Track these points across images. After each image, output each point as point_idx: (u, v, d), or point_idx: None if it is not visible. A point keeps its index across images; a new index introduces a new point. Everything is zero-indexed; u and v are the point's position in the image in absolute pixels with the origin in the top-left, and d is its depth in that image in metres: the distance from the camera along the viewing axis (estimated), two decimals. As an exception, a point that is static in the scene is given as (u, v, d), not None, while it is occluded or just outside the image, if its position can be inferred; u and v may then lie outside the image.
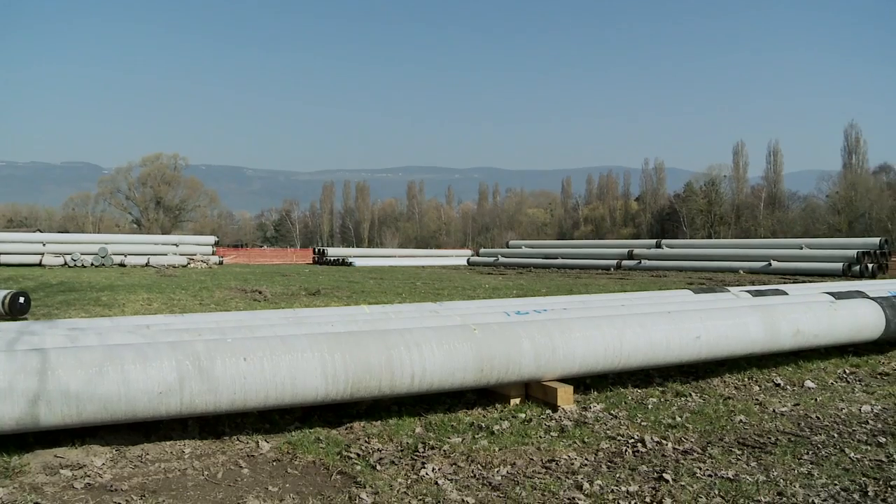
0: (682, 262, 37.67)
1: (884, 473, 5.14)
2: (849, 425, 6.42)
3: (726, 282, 24.58)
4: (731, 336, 7.51)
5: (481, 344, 6.14)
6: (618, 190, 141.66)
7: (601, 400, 6.99)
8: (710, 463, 5.29)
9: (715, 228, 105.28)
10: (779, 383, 7.94)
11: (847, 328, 8.53)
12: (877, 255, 32.20)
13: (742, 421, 6.45)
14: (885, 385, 8.05)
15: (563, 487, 4.73)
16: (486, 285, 24.14)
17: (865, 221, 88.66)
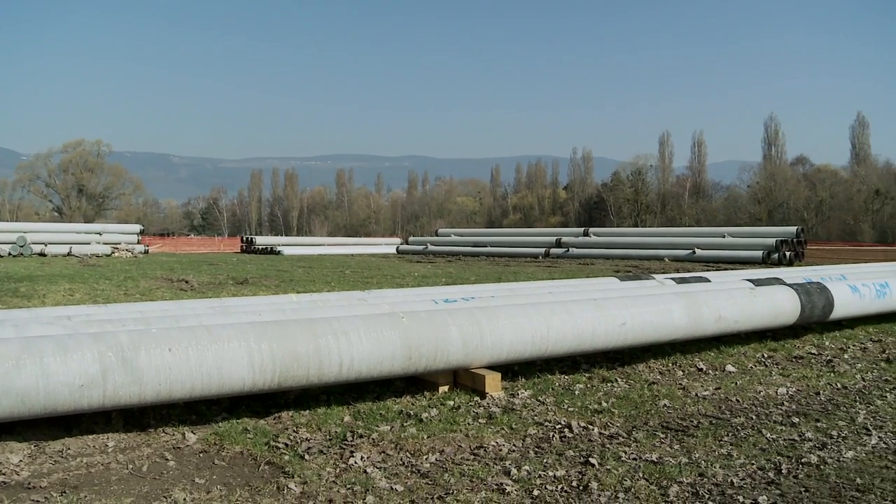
0: (608, 250, 38.21)
1: (796, 452, 5.33)
2: (766, 407, 6.63)
3: (652, 269, 25.04)
4: (655, 322, 7.65)
5: (409, 332, 6.14)
6: (546, 179, 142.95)
7: (529, 386, 7.06)
8: (635, 446, 5.40)
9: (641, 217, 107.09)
10: (701, 368, 8.13)
11: (766, 314, 8.78)
12: (794, 244, 33.18)
13: (666, 405, 6.59)
14: (800, 368, 8.32)
15: (492, 473, 4.77)
16: (416, 273, 24.15)
17: (784, 211, 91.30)
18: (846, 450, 5.40)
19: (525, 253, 40.95)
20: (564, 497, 4.42)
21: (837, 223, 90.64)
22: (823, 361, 8.69)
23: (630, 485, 4.60)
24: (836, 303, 9.63)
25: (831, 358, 8.85)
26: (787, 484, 4.69)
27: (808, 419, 6.25)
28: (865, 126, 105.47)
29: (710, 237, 37.30)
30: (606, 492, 4.48)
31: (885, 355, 9.16)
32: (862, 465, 5.07)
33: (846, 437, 5.73)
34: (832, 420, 6.24)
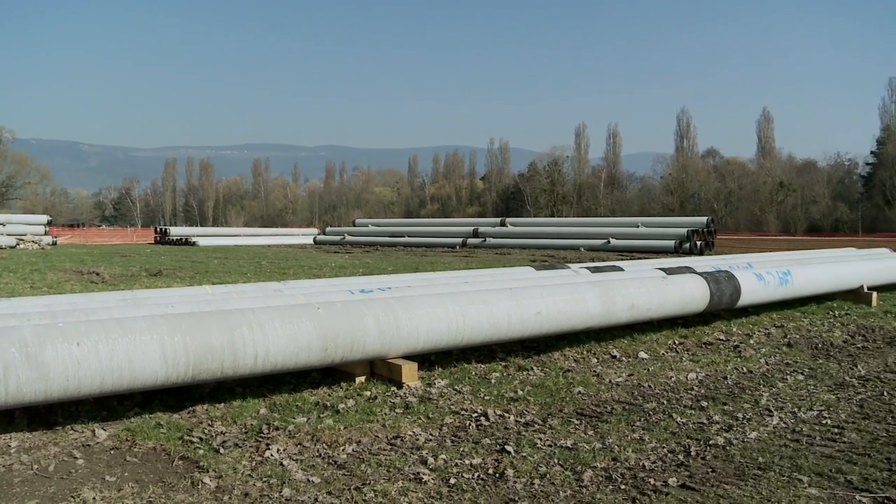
0: (525, 239, 38.60)
1: (704, 434, 5.51)
2: (676, 392, 6.82)
3: (568, 259, 25.40)
4: (570, 311, 7.78)
5: (325, 323, 6.11)
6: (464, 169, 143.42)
7: (445, 376, 7.11)
8: (551, 433, 5.49)
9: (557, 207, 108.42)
10: (615, 355, 8.30)
11: (677, 301, 9.01)
12: (704, 234, 34.11)
13: (581, 392, 6.71)
14: (709, 354, 8.58)
15: (409, 463, 4.79)
16: (333, 264, 24.01)
17: (695, 202, 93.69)
18: (750, 431, 5.61)
19: (443, 243, 41.06)
20: (481, 485, 4.47)
21: (745, 214, 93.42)
22: (731, 347, 8.98)
23: (545, 471, 4.68)
24: (743, 290, 9.95)
25: (738, 343, 9.15)
26: (696, 465, 4.85)
27: (716, 403, 6.46)
28: (770, 121, 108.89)
29: (624, 227, 38.04)
30: (522, 478, 4.55)
31: (786, 340, 9.51)
32: (764, 445, 5.28)
33: (750, 419, 5.95)
34: (738, 403, 6.46)
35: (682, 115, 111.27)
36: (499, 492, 4.37)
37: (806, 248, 25.83)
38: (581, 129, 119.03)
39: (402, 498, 4.24)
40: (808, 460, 4.94)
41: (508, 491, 4.37)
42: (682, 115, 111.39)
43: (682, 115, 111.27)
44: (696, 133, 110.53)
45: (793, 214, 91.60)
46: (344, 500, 4.21)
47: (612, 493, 4.34)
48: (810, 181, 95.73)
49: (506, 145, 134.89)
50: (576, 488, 4.42)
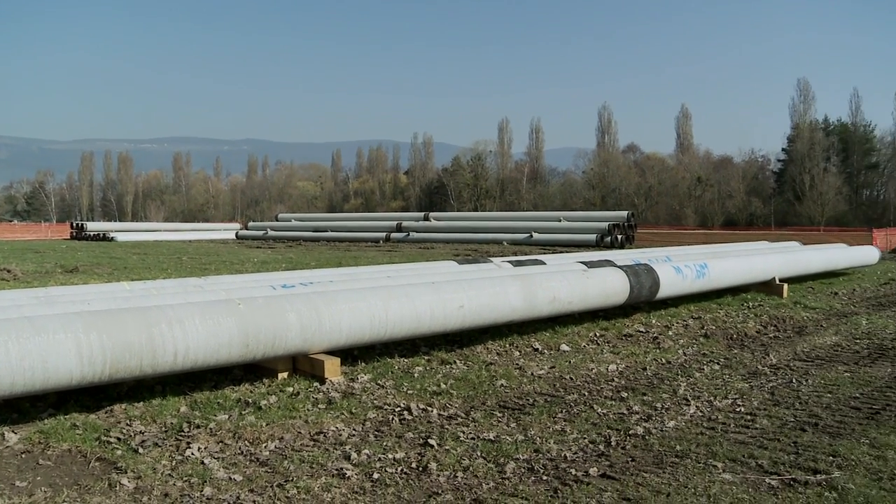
0: (449, 234, 38.67)
1: (624, 424, 5.63)
2: (597, 384, 6.94)
3: (491, 253, 25.56)
4: (493, 305, 7.84)
5: (247, 318, 6.03)
6: (387, 163, 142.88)
7: (369, 370, 7.09)
8: (473, 426, 5.53)
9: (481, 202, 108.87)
10: (537, 348, 8.40)
11: (597, 294, 9.16)
12: (625, 227, 34.69)
13: (503, 385, 6.78)
14: (629, 345, 8.75)
15: (332, 459, 4.77)
16: (255, 259, 23.71)
17: (616, 196, 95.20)
18: (668, 420, 5.75)
19: (366, 237, 40.89)
20: (404, 479, 4.48)
21: (664, 208, 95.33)
22: (650, 338, 9.17)
23: (468, 464, 4.72)
24: (662, 283, 10.17)
25: (657, 335, 9.35)
26: (616, 455, 4.94)
27: (636, 393, 6.60)
28: (689, 117, 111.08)
29: (546, 221, 38.42)
30: (445, 472, 4.57)
31: (703, 331, 9.77)
32: (681, 433, 5.42)
33: (669, 409, 6.10)
34: (657, 393, 6.61)
35: (603, 111, 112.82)
36: (422, 485, 4.38)
37: (722, 241, 26.45)
38: (504, 123, 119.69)
39: (326, 494, 4.22)
40: (722, 447, 5.09)
41: (432, 484, 4.39)
42: (603, 110, 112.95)
43: (603, 111, 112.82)
44: (617, 129, 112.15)
45: (710, 209, 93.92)
46: (266, 498, 4.17)
47: (535, 485, 4.40)
48: (726, 176, 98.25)
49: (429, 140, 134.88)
50: (498, 480, 4.46)
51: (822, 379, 7.28)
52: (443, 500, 4.18)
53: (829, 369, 7.75)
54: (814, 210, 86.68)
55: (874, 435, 5.42)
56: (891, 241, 36.13)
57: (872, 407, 6.22)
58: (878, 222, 71.55)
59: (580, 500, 4.17)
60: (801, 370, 7.69)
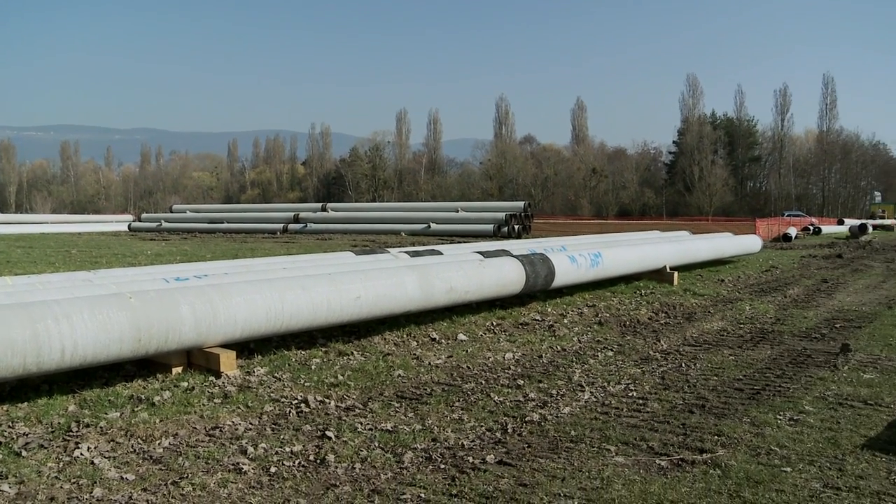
0: (347, 224, 38.43)
1: (521, 412, 5.72)
2: (494, 372, 7.04)
3: (389, 244, 25.52)
4: (389, 295, 7.84)
5: (138, 313, 5.86)
6: (285, 154, 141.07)
7: (265, 363, 7.00)
8: (371, 417, 5.53)
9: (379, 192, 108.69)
10: (434, 338, 8.44)
11: (494, 284, 9.26)
12: (522, 218, 35.12)
13: (401, 375, 6.80)
14: (525, 333, 8.90)
15: (228, 454, 4.70)
16: (149, 252, 23.06)
17: (513, 186, 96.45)
18: (563, 406, 5.88)
19: (263, 229, 40.23)
20: (302, 472, 4.45)
21: (561, 198, 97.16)
22: (546, 327, 9.34)
23: (366, 455, 4.72)
24: (557, 272, 10.35)
25: (553, 323, 9.52)
26: (513, 442, 5.03)
27: (532, 381, 6.71)
28: (584, 110, 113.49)
29: (444, 212, 38.55)
30: (343, 463, 4.57)
31: (598, 318, 10.00)
32: (576, 419, 5.55)
33: (564, 395, 6.23)
34: (552, 380, 6.74)
35: (500, 103, 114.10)
36: (320, 478, 4.36)
37: (616, 231, 27.09)
38: (402, 114, 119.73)
39: (222, 490, 4.16)
40: (615, 431, 5.24)
41: (330, 476, 4.38)
42: (500, 102, 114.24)
43: (500, 103, 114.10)
44: (514, 120, 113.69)
45: (605, 199, 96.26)
46: (160, 496, 4.07)
47: (432, 473, 4.44)
48: (620, 168, 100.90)
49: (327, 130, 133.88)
50: (396, 470, 4.48)
51: (709, 363, 7.57)
52: (341, 492, 4.17)
53: (716, 353, 8.06)
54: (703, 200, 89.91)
55: (755, 414, 5.69)
56: (772, 230, 37.71)
57: (754, 388, 6.51)
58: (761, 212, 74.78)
59: (477, 487, 4.22)
60: (689, 355, 7.97)
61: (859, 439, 5.13)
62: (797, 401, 6.09)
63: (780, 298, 12.69)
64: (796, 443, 5.03)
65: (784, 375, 7.02)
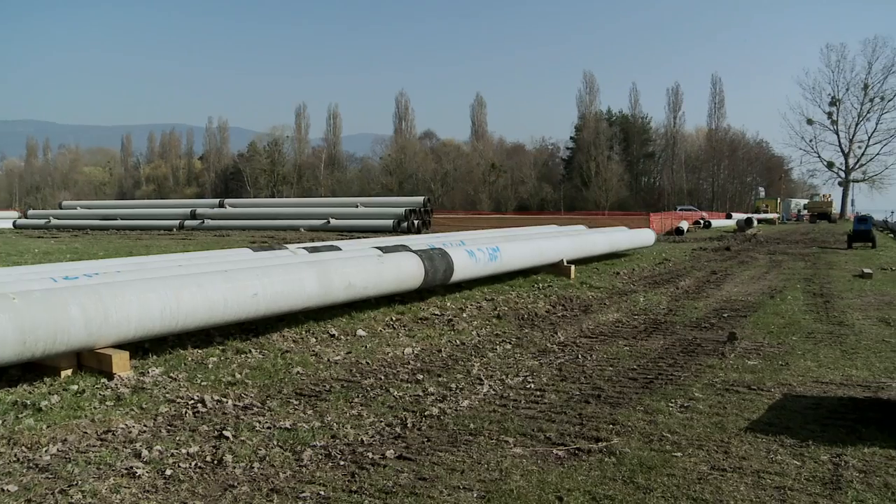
0: (245, 220, 37.82)
1: (420, 406, 5.75)
2: (394, 367, 7.05)
3: (287, 240, 25.22)
4: (288, 292, 7.75)
5: (23, 314, 5.63)
6: (181, 148, 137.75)
7: (160, 363, 6.82)
8: (270, 415, 5.47)
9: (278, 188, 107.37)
10: (334, 334, 8.39)
11: (393, 279, 9.27)
12: (421, 213, 35.22)
13: (300, 372, 6.74)
14: (425, 328, 8.94)
15: (121, 458, 4.56)
16: (36, 250, 22.18)
17: (413, 182, 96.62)
18: (463, 399, 5.93)
19: (159, 225, 39.23)
20: (199, 473, 4.36)
21: (460, 193, 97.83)
22: (445, 321, 9.40)
23: (265, 453, 4.66)
24: (456, 266, 10.43)
25: (452, 317, 9.59)
26: (412, 436, 5.05)
27: (431, 375, 6.75)
28: (483, 105, 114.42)
29: (344, 207, 38.36)
30: (241, 463, 4.50)
31: (496, 312, 10.12)
32: (475, 412, 5.61)
33: (463, 389, 6.29)
34: (451, 374, 6.80)
35: (400, 98, 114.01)
36: (217, 479, 4.29)
37: (515, 225, 27.42)
38: (301, 109, 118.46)
39: (114, 496, 4.04)
40: (513, 423, 5.32)
41: (227, 477, 4.31)
42: (400, 97, 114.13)
43: (400, 98, 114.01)
44: (414, 116, 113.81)
45: (504, 194, 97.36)
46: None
47: (332, 470, 4.42)
48: (519, 163, 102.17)
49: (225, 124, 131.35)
50: (296, 468, 4.44)
51: (604, 353, 7.76)
52: (239, 492, 4.11)
53: (611, 344, 8.27)
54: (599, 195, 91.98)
55: (648, 402, 5.86)
56: (665, 224, 38.84)
57: (647, 377, 6.71)
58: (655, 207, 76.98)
59: (377, 482, 4.23)
60: (586, 346, 8.15)
61: (744, 423, 5.35)
62: (687, 388, 6.31)
63: (672, 290, 13.10)
64: (686, 428, 5.21)
65: (676, 364, 7.26)
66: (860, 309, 10.96)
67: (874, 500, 4.02)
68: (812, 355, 7.71)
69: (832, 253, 23.55)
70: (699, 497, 4.03)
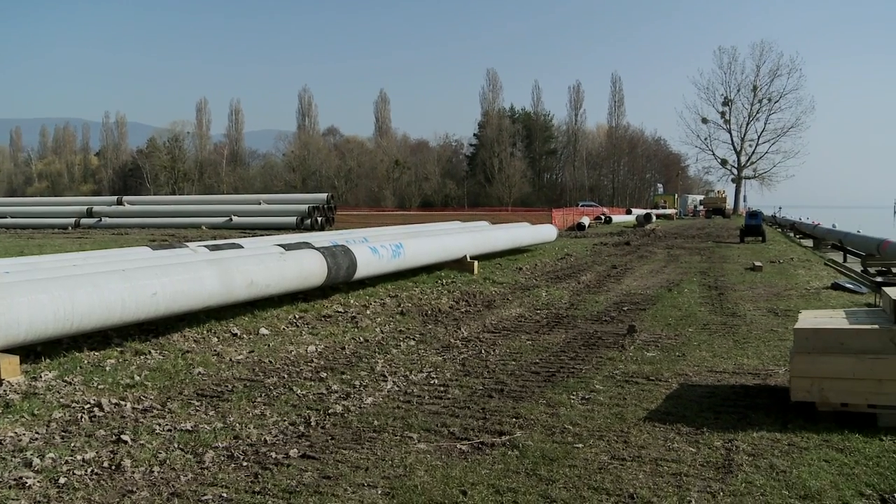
0: (145, 218, 36.91)
1: (324, 404, 5.74)
2: (297, 365, 7.00)
3: (189, 238, 24.71)
4: (188, 291, 7.60)
5: None
6: (76, 144, 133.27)
7: (54, 367, 6.59)
8: (170, 417, 5.36)
9: (179, 185, 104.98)
10: (236, 333, 8.27)
11: (295, 277, 9.18)
12: (325, 210, 35.02)
13: (201, 373, 6.62)
14: (328, 326, 8.90)
15: (9, 468, 4.38)
16: (-82, 251, 21.18)
17: (317, 178, 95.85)
18: (367, 397, 5.93)
19: (53, 224, 37.88)
20: (95, 480, 4.23)
21: (364, 190, 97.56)
22: (349, 318, 9.37)
23: (165, 457, 4.56)
24: (359, 263, 10.40)
25: (355, 315, 9.57)
26: (316, 435, 5.02)
27: (335, 373, 6.73)
28: (387, 102, 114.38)
29: (247, 205, 37.82)
30: (140, 468, 4.39)
31: (400, 309, 10.15)
32: (379, 409, 5.62)
33: (367, 386, 6.29)
34: (355, 371, 6.79)
35: (304, 94, 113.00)
36: (115, 485, 4.17)
37: (419, 222, 27.48)
38: (202, 104, 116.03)
39: (2, 507, 3.89)
40: (417, 419, 5.35)
41: (126, 482, 4.20)
42: (304, 93, 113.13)
43: (304, 94, 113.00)
44: (317, 112, 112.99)
45: (408, 191, 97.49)
46: (-76, 525, 3.75)
47: (235, 472, 4.36)
48: (423, 160, 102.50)
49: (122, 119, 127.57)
50: (197, 471, 4.37)
51: (507, 348, 7.87)
52: (138, 497, 4.01)
53: (514, 339, 8.39)
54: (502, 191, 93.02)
55: (550, 395, 5.98)
56: (567, 220, 39.56)
57: (549, 370, 6.84)
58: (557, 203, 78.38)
59: (281, 482, 4.19)
60: (489, 341, 8.25)
61: (642, 413, 5.51)
62: (588, 380, 6.45)
63: (574, 284, 13.36)
64: (587, 420, 5.34)
65: (577, 357, 7.41)
66: (751, 300, 11.40)
67: (761, 480, 4.20)
68: (707, 346, 7.98)
69: (726, 247, 24.43)
70: (600, 486, 4.14)
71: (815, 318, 5.95)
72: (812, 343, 5.31)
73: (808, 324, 5.58)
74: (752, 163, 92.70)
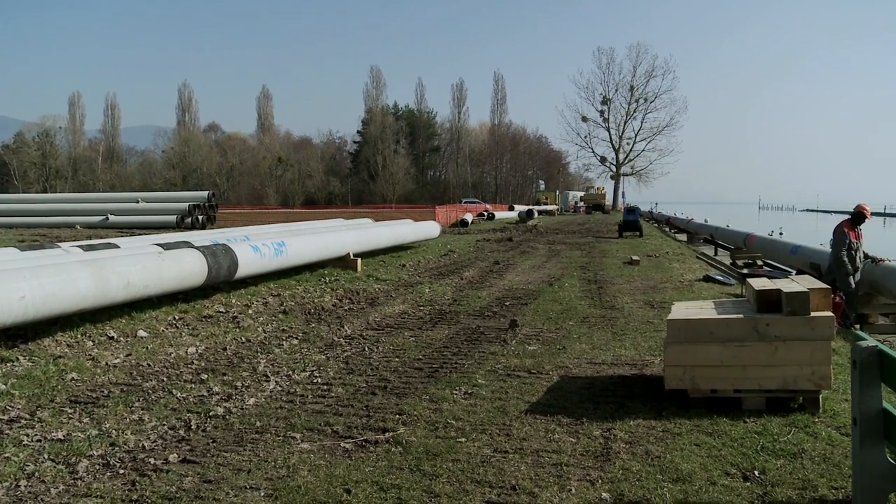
0: (13, 218, 35.28)
1: (205, 407, 5.63)
2: (177, 368, 6.84)
3: (61, 238, 23.76)
4: (60, 293, 7.30)
5: None
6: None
7: None
8: (40, 427, 5.14)
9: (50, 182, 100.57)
10: (112, 336, 8.01)
11: (174, 277, 8.95)
12: (206, 208, 34.28)
13: (74, 379, 6.39)
14: (209, 326, 8.72)
15: None
16: None
17: (198, 176, 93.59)
18: (249, 398, 5.86)
19: None
20: (-47, 499, 4.03)
21: (246, 188, 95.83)
22: (230, 318, 9.21)
23: (34, 469, 4.37)
24: (241, 262, 10.23)
25: (237, 314, 9.41)
26: (197, 438, 4.92)
27: (216, 374, 6.61)
28: (270, 98, 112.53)
29: (124, 203, 36.67)
30: (6, 482, 4.18)
31: (283, 308, 10.04)
32: (262, 410, 5.55)
33: (249, 386, 6.20)
34: (237, 372, 6.68)
35: (183, 89, 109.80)
36: (-27, 503, 3.98)
37: (302, 220, 27.24)
38: (76, 97, 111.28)
39: None
40: (301, 418, 5.31)
41: (-14, 499, 4.01)
42: (183, 88, 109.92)
43: (183, 89, 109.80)
44: (198, 107, 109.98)
45: (291, 188, 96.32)
46: None
47: (111, 480, 4.22)
48: (306, 157, 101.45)
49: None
50: (70, 482, 4.20)
51: (391, 345, 7.89)
52: (3, 513, 3.85)
53: (398, 335, 8.42)
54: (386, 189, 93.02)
55: (433, 391, 6.04)
56: (450, 216, 39.89)
57: (433, 366, 6.91)
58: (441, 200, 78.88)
59: (160, 489, 4.09)
60: (373, 339, 8.25)
61: (524, 406, 5.62)
62: (471, 375, 6.54)
63: (457, 280, 13.50)
64: (470, 414, 5.41)
65: (460, 353, 7.50)
66: (629, 293, 11.78)
67: (637, 466, 4.36)
68: (587, 338, 8.21)
69: (605, 242, 25.16)
70: (483, 479, 4.20)
71: (687, 308, 6.20)
72: (684, 333, 5.54)
73: (680, 315, 5.81)
74: (629, 160, 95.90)
